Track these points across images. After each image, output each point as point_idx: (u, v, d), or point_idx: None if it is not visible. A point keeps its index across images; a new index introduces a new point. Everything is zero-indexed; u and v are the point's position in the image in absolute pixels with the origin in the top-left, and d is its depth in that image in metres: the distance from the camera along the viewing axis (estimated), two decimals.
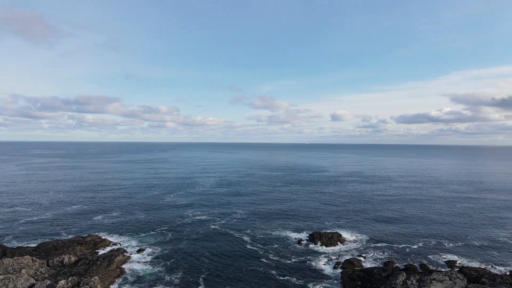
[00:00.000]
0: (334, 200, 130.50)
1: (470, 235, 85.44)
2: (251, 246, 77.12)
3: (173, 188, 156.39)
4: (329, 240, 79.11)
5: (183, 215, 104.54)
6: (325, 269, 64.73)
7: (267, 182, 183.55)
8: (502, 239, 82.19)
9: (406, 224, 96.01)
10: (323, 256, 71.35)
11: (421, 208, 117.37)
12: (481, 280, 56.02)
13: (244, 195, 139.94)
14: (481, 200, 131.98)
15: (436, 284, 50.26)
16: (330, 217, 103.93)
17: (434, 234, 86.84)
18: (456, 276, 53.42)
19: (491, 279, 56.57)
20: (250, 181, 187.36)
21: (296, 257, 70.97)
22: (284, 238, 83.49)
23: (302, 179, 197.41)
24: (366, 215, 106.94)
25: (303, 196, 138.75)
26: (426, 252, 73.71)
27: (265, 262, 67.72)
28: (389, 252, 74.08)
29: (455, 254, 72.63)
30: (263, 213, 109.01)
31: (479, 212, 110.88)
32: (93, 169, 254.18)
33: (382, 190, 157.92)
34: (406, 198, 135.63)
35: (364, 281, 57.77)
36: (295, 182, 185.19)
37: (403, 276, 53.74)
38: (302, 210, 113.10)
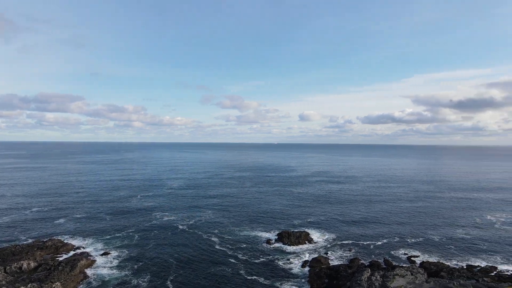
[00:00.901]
0: (302, 200, 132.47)
1: (430, 231, 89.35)
2: (219, 247, 76.85)
3: (140, 189, 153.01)
4: (297, 239, 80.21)
5: (150, 217, 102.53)
6: (293, 268, 65.61)
7: (236, 182, 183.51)
8: (459, 235, 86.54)
9: (371, 222, 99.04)
10: (291, 255, 72.27)
11: (385, 206, 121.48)
12: (440, 274, 58.82)
13: (212, 196, 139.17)
14: (440, 198, 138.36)
15: (399, 279, 52.21)
16: (298, 217, 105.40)
17: (397, 231, 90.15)
18: (417, 271, 55.74)
19: (449, 272, 59.53)
20: (219, 181, 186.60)
21: (264, 256, 71.46)
22: (253, 238, 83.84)
23: (271, 179, 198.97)
24: (333, 213, 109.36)
25: (271, 196, 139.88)
26: (389, 249, 76.38)
27: (233, 262, 67.70)
28: (355, 249, 76.15)
29: (417, 249, 75.72)
30: (232, 213, 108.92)
31: (439, 209, 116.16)
32: (54, 170, 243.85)
33: (348, 189, 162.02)
34: (371, 197, 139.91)
35: (331, 279, 59.10)
36: (263, 182, 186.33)
37: (368, 273, 55.43)
38: (271, 210, 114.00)
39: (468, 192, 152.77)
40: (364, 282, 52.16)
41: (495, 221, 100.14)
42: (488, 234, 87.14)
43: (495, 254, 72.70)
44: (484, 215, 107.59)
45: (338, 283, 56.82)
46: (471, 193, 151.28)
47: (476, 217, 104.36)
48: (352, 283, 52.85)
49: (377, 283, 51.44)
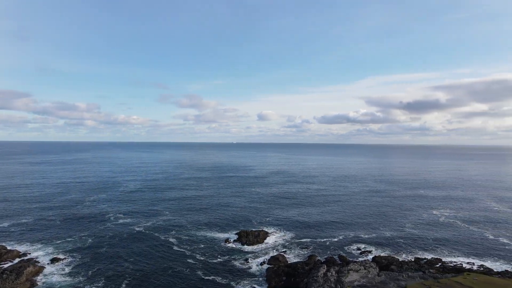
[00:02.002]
0: (260, 199, 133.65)
1: (382, 227, 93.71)
2: (177, 248, 75.66)
3: (93, 191, 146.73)
4: (255, 238, 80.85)
5: (104, 219, 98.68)
6: (251, 267, 66.05)
7: (194, 182, 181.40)
8: (408, 230, 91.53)
9: (328, 219, 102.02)
10: (249, 254, 72.71)
11: (340, 204, 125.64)
12: (390, 267, 61.90)
13: (170, 196, 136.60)
14: (391, 195, 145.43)
15: (353, 274, 54.30)
16: (256, 216, 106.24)
17: (352, 227, 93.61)
18: (370, 265, 58.30)
19: (399, 265, 62.82)
20: (176, 182, 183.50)
21: (222, 256, 71.34)
22: (211, 238, 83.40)
23: (229, 179, 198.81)
24: (291, 212, 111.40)
25: (230, 196, 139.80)
26: (344, 245, 79.12)
27: (191, 263, 66.95)
28: (312, 246, 78.11)
29: (370, 245, 79.07)
30: (190, 214, 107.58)
31: (390, 206, 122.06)
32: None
33: (305, 188, 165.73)
34: (327, 195, 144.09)
35: (289, 276, 60.19)
36: (222, 182, 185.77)
37: (324, 269, 57.12)
38: (229, 210, 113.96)
39: (416, 189, 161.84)
40: (320, 278, 53.69)
41: (440, 216, 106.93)
42: (433, 228, 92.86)
43: (440, 247, 77.65)
44: (430, 210, 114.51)
45: (296, 280, 57.99)
46: (418, 190, 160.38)
47: (423, 213, 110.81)
48: (309, 280, 54.21)
49: (332, 279, 53.14)
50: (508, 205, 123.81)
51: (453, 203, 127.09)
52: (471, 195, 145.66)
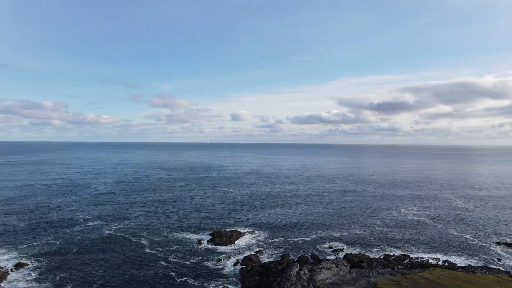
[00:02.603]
0: (234, 199, 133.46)
1: (353, 225, 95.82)
2: (149, 250, 74.32)
3: (60, 193, 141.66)
4: (229, 238, 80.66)
5: (72, 222, 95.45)
6: (224, 267, 65.85)
7: (166, 183, 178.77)
8: (378, 228, 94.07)
9: (301, 219, 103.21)
10: (223, 255, 72.46)
11: (313, 203, 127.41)
12: (361, 264, 63.40)
13: (141, 197, 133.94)
14: (361, 194, 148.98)
15: (325, 272, 55.21)
16: (230, 216, 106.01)
17: (324, 226, 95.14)
18: (341, 263, 59.45)
19: (369, 263, 64.45)
20: (148, 182, 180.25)
21: (195, 257, 70.71)
22: (184, 239, 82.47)
23: (203, 179, 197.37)
24: (265, 212, 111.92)
25: (203, 196, 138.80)
26: (317, 243, 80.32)
27: (163, 265, 65.95)
28: (285, 245, 78.79)
29: (341, 243, 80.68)
30: (163, 215, 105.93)
31: (360, 205, 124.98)
32: None
33: (279, 187, 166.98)
34: (300, 194, 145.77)
35: (262, 276, 60.44)
36: (195, 182, 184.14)
37: (297, 268, 57.74)
38: (202, 210, 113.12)
39: (386, 189, 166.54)
40: (293, 277, 54.23)
41: (408, 214, 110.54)
42: (402, 226, 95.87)
43: (408, 244, 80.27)
44: (399, 209, 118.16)
45: (269, 280, 58.30)
46: (388, 189, 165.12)
47: (392, 211, 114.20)
48: (282, 279, 54.65)
49: (305, 277, 53.81)
50: (470, 203, 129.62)
51: (420, 202, 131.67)
52: (436, 194, 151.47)
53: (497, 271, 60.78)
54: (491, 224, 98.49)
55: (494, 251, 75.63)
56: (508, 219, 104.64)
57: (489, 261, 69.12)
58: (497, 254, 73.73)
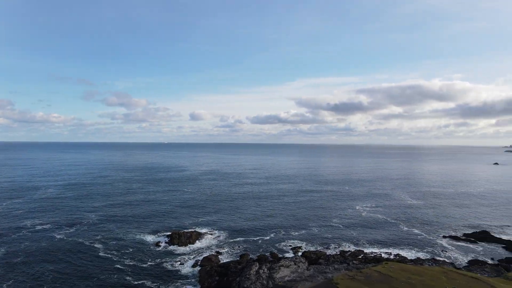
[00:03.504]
0: (193, 199, 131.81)
1: (311, 223, 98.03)
2: (104, 253, 71.48)
3: (6, 196, 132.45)
4: (188, 239, 79.54)
5: (20, 226, 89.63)
6: (183, 269, 64.83)
7: (122, 183, 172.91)
8: (334, 225, 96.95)
9: (260, 218, 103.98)
10: (181, 256, 71.32)
11: (272, 202, 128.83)
12: (318, 261, 65.02)
13: (96, 199, 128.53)
14: (319, 192, 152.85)
15: (284, 270, 56.04)
16: (189, 216, 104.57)
17: (283, 224, 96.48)
18: (300, 260, 60.67)
19: (326, 259, 66.24)
20: (103, 183, 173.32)
21: (153, 260, 69.00)
22: (141, 241, 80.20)
23: (161, 179, 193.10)
24: (224, 211, 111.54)
25: (161, 197, 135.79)
26: (276, 242, 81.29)
27: (119, 269, 63.73)
28: (245, 245, 79.02)
29: (300, 241, 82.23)
30: (118, 216, 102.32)
31: (318, 203, 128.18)
32: None
33: (238, 186, 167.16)
34: (259, 194, 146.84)
35: (221, 276, 60.20)
36: (153, 182, 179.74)
37: (256, 266, 58.14)
38: (160, 211, 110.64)
39: (342, 187, 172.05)
40: (252, 276, 54.54)
41: (363, 211, 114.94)
42: (357, 222, 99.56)
43: (362, 239, 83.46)
44: (354, 206, 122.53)
45: (229, 280, 58.20)
46: (344, 187, 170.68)
47: (348, 209, 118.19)
48: (242, 278, 54.77)
49: (264, 276, 54.30)
50: (419, 200, 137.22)
51: (374, 199, 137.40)
52: (389, 191, 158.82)
53: (442, 263, 64.91)
54: (437, 219, 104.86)
55: (440, 244, 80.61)
56: (452, 214, 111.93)
57: (435, 254, 73.57)
58: (443, 247, 78.65)
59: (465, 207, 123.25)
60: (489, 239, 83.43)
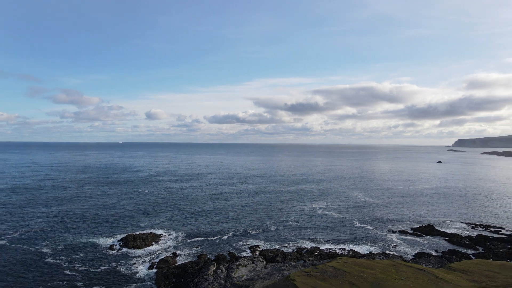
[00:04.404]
0: (149, 200, 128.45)
1: (268, 222, 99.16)
2: (51, 259, 67.67)
3: None
4: (143, 241, 77.47)
5: None
6: (138, 272, 63.03)
7: (72, 185, 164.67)
8: (291, 223, 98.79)
9: (218, 218, 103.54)
10: (137, 259, 69.30)
11: (230, 201, 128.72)
12: (276, 259, 65.99)
13: (43, 203, 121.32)
14: (276, 191, 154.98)
15: (242, 269, 56.27)
16: (145, 218, 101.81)
17: (241, 224, 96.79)
18: (257, 259, 61.23)
19: (283, 257, 67.38)
20: (51, 185, 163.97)
21: (107, 264, 66.43)
22: (93, 245, 76.86)
23: (115, 180, 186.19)
24: (182, 212, 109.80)
25: (115, 198, 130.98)
26: (234, 241, 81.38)
27: (69, 275, 60.65)
28: (203, 245, 78.32)
29: (258, 239, 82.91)
30: (68, 220, 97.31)
31: (275, 201, 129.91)
32: None
33: (196, 187, 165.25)
34: (217, 193, 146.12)
35: (179, 277, 59.32)
36: (106, 183, 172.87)
37: (214, 266, 57.91)
38: (114, 213, 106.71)
39: (298, 185, 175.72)
40: (210, 276, 54.25)
41: (318, 208, 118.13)
42: (313, 220, 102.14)
43: (317, 236, 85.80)
44: (310, 204, 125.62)
45: (186, 281, 57.47)
46: (301, 185, 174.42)
47: (304, 207, 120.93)
48: (199, 279, 54.31)
49: (222, 275, 54.21)
50: (371, 196, 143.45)
51: (329, 196, 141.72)
52: (343, 188, 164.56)
53: (392, 256, 68.43)
54: (387, 215, 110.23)
55: (389, 238, 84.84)
56: (401, 210, 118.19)
57: (386, 248, 77.35)
58: (393, 241, 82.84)
59: (412, 203, 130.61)
60: (434, 232, 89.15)
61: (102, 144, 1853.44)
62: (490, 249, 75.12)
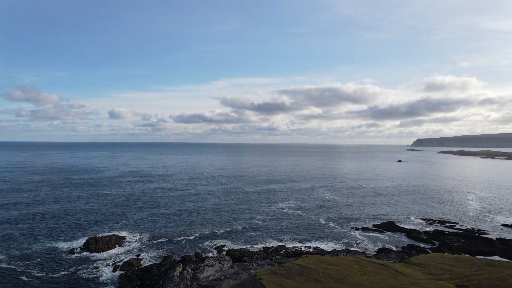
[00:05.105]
0: (112, 202, 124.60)
1: (236, 221, 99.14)
2: (6, 265, 64.02)
3: None
4: (106, 244, 75.07)
5: None
6: (101, 276, 61.02)
7: (29, 187, 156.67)
8: (258, 222, 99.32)
9: (184, 218, 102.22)
10: (100, 262, 67.07)
11: (197, 201, 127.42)
12: (243, 258, 66.12)
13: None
14: (243, 190, 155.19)
15: (208, 269, 55.93)
16: (108, 220, 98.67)
17: (208, 224, 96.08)
18: (224, 259, 61.08)
19: (250, 256, 67.64)
20: (6, 188, 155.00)
21: (67, 268, 63.79)
22: (52, 249, 73.55)
23: (76, 182, 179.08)
24: (147, 213, 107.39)
25: (76, 201, 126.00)
26: (201, 242, 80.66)
27: (25, 280, 57.68)
28: (169, 246, 77.04)
29: (225, 239, 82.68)
30: (25, 224, 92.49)
31: (242, 201, 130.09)
32: None
33: (162, 187, 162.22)
34: (183, 193, 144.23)
35: (143, 280, 58.06)
36: (67, 185, 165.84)
37: (180, 268, 57.17)
38: (76, 215, 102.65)
39: (265, 185, 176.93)
40: (176, 277, 53.51)
41: (285, 207, 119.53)
42: (279, 219, 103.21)
43: (284, 235, 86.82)
44: (277, 203, 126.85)
45: (151, 283, 56.34)
46: (267, 185, 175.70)
47: (271, 206, 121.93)
48: (165, 281, 53.43)
49: (188, 277, 53.63)
50: (336, 194, 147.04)
51: (295, 195, 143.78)
52: (308, 187, 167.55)
53: (355, 253, 70.53)
54: (351, 212, 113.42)
55: (353, 235, 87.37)
56: (364, 207, 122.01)
57: (349, 245, 79.59)
58: (356, 238, 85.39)
59: (375, 201, 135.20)
60: (394, 229, 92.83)
61: (62, 143, 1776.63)
62: (446, 243, 79.26)
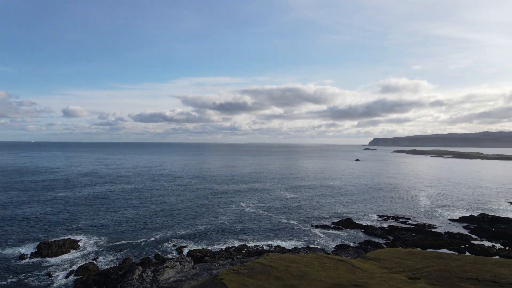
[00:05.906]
0: (66, 204, 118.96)
1: (197, 222, 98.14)
2: None
3: None
4: (60, 248, 71.62)
5: None
6: (54, 282, 58.13)
7: None
8: (219, 222, 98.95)
9: (144, 219, 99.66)
10: (53, 267, 63.85)
11: (157, 201, 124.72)
12: (204, 259, 65.68)
13: None
14: (204, 190, 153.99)
15: (169, 271, 55.01)
16: (62, 223, 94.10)
17: (168, 225, 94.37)
18: (185, 260, 60.34)
19: (211, 256, 67.32)
20: None
21: (15, 275, 60.12)
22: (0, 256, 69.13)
23: (26, 184, 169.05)
24: (104, 216, 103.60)
25: (26, 203, 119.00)
26: (161, 243, 79.07)
27: None
28: (128, 249, 74.81)
29: (186, 240, 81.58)
30: None
31: (204, 201, 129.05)
32: None
33: (120, 188, 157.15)
34: (143, 194, 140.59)
35: (100, 284, 56.01)
36: (15, 188, 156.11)
37: (139, 270, 55.76)
38: (25, 219, 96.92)
39: (226, 184, 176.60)
40: (135, 280, 52.16)
41: (246, 207, 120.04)
42: (241, 218, 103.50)
43: (245, 234, 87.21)
44: (238, 203, 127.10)
45: (109, 287, 54.53)
46: (228, 184, 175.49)
47: (233, 206, 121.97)
48: (123, 284, 51.90)
49: (148, 279, 52.45)
50: (296, 193, 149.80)
51: (256, 195, 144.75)
52: (269, 186, 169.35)
53: (315, 250, 72.34)
54: (311, 210, 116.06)
55: (313, 233, 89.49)
56: (323, 205, 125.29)
57: (310, 242, 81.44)
58: (316, 235, 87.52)
59: (333, 198, 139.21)
60: (352, 225, 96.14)
61: (11, 143, 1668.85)
62: (399, 238, 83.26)
